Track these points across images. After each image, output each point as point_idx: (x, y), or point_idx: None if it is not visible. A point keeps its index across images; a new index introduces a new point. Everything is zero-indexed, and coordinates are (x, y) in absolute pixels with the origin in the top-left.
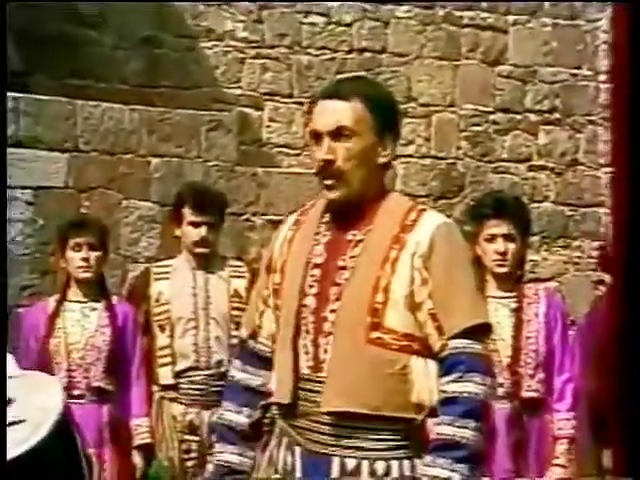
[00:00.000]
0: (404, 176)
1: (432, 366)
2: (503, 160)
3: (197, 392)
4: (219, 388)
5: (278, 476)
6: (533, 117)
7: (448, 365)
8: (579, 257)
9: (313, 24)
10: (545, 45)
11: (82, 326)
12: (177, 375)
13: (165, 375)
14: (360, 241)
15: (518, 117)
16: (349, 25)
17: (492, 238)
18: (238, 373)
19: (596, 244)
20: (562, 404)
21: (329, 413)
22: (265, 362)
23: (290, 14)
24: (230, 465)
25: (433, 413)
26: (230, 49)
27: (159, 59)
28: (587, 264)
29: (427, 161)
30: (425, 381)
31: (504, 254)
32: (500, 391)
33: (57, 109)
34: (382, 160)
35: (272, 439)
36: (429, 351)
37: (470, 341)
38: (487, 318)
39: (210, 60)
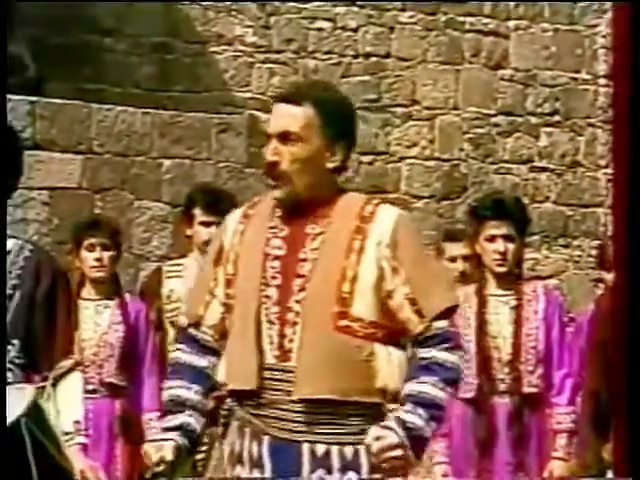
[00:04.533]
0: (408, 177)
1: (395, 353)
2: (505, 161)
3: None
4: None
5: (243, 468)
6: (534, 120)
7: (434, 339)
8: (579, 256)
9: (320, 29)
10: (545, 50)
11: (95, 323)
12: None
13: None
14: (319, 234)
15: (519, 120)
16: (355, 30)
17: (492, 238)
18: (183, 355)
19: (595, 243)
20: (561, 398)
21: (300, 401)
22: (207, 350)
23: (297, 20)
24: (180, 424)
25: (396, 398)
26: (239, 54)
27: (170, 64)
28: (587, 262)
29: (431, 163)
30: (388, 368)
31: (504, 254)
32: (501, 387)
33: (72, 112)
34: (330, 165)
35: (230, 431)
36: (392, 338)
37: (447, 321)
38: (458, 300)
39: (220, 64)
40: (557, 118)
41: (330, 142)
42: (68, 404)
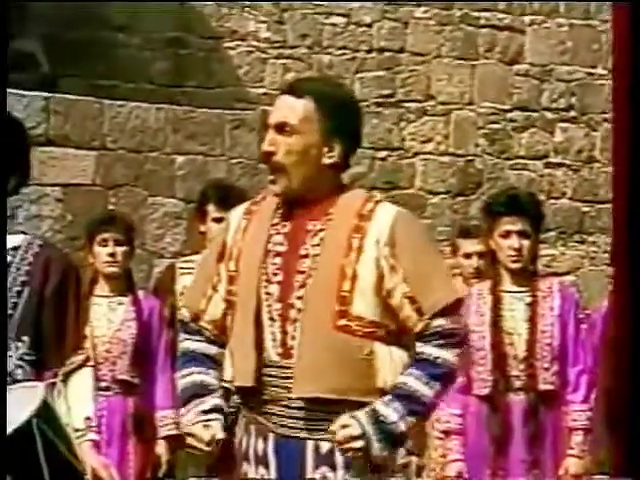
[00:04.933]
0: (423, 173)
1: (396, 352)
2: (520, 157)
3: None
4: None
5: (249, 466)
6: (550, 115)
7: (432, 336)
8: (595, 252)
9: (334, 25)
10: (561, 44)
11: (109, 320)
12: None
13: None
14: (320, 230)
15: (535, 115)
16: (369, 25)
17: (507, 234)
18: (193, 344)
19: (611, 239)
20: (576, 395)
21: (299, 399)
22: (211, 342)
23: (311, 15)
24: (221, 408)
25: None
26: (253, 49)
27: (184, 59)
28: (602, 259)
29: (446, 158)
30: (389, 367)
31: (519, 250)
32: (516, 384)
33: (85, 108)
34: (327, 161)
35: (238, 428)
36: (392, 338)
37: (449, 317)
38: (460, 294)
39: (234, 60)
40: (573, 113)
41: (328, 137)
42: (79, 400)
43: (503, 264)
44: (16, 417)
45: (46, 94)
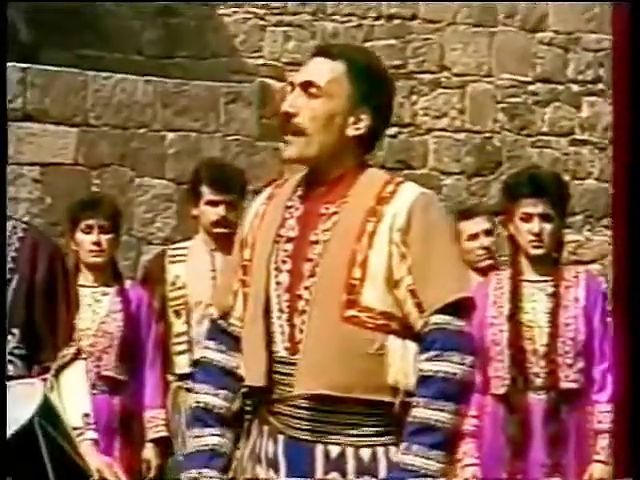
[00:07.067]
0: (436, 151)
1: (411, 347)
2: (543, 134)
3: None
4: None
5: (261, 468)
6: (575, 88)
7: (426, 343)
8: None
9: None
10: (588, 10)
11: (93, 311)
12: (194, 364)
13: (181, 364)
14: (333, 214)
15: (559, 88)
16: None
17: (527, 217)
18: (212, 353)
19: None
20: (602, 395)
21: (304, 396)
22: (239, 343)
23: None
24: (211, 447)
25: (411, 396)
26: (250, 16)
27: (175, 28)
28: None
29: (461, 135)
30: (401, 363)
31: (539, 235)
32: (536, 382)
33: (67, 81)
34: (352, 132)
35: (252, 429)
36: (408, 331)
37: (451, 317)
38: (469, 292)
39: (229, 28)
40: (600, 86)
41: (355, 106)
42: (74, 396)
43: (523, 250)
44: (17, 416)
45: (24, 65)
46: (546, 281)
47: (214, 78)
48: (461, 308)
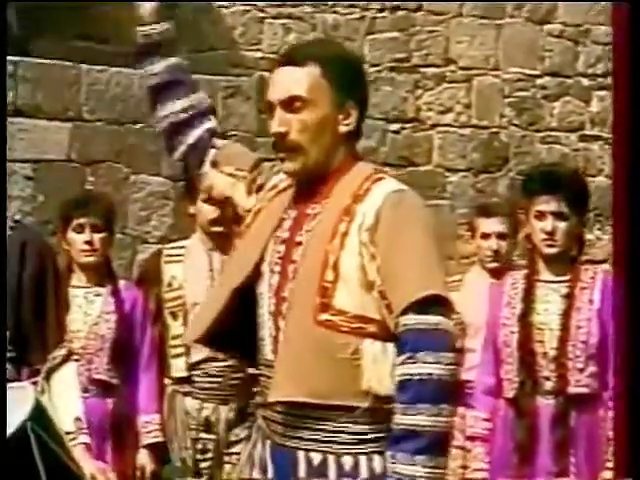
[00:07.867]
0: (441, 148)
1: (391, 350)
2: (552, 129)
3: (213, 385)
4: (238, 381)
5: (256, 472)
6: (585, 82)
7: (400, 345)
8: None
9: None
10: (599, 2)
11: (85, 313)
12: (191, 367)
13: (178, 367)
14: (317, 214)
15: (569, 82)
16: None
17: (541, 216)
18: None
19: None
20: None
21: (279, 403)
22: None
23: None
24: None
25: (389, 401)
26: (249, 8)
27: (172, 20)
28: None
29: (467, 130)
30: (375, 368)
31: (552, 233)
32: (546, 385)
33: (60, 74)
34: (344, 129)
35: (254, 431)
36: (388, 334)
37: (421, 316)
38: (440, 289)
39: (227, 20)
40: (611, 80)
41: (341, 103)
42: (65, 400)
43: (538, 249)
44: (9, 421)
45: (15, 58)
46: (561, 282)
47: (212, 72)
48: (433, 305)
